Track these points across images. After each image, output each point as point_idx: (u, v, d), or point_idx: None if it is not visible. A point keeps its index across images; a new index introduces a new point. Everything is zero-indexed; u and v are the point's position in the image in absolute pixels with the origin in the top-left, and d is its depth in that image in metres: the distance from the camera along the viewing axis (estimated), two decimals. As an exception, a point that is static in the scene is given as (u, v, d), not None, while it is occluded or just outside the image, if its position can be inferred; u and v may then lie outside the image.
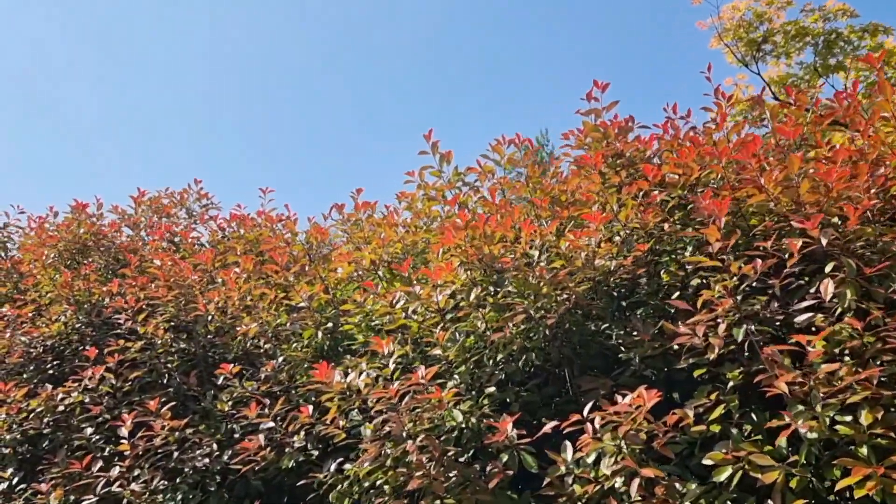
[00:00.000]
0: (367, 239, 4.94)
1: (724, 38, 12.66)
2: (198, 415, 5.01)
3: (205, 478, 4.68)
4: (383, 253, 4.76)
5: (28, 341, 5.77)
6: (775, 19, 12.17)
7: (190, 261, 5.41)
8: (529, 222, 3.72)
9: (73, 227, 6.45)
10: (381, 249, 4.74)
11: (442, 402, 3.45)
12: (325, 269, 5.05)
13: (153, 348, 5.14)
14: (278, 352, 5.27)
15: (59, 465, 4.95)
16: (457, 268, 3.84)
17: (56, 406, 5.20)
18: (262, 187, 6.54)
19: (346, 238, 5.45)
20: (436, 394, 3.43)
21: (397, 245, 4.86)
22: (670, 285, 3.85)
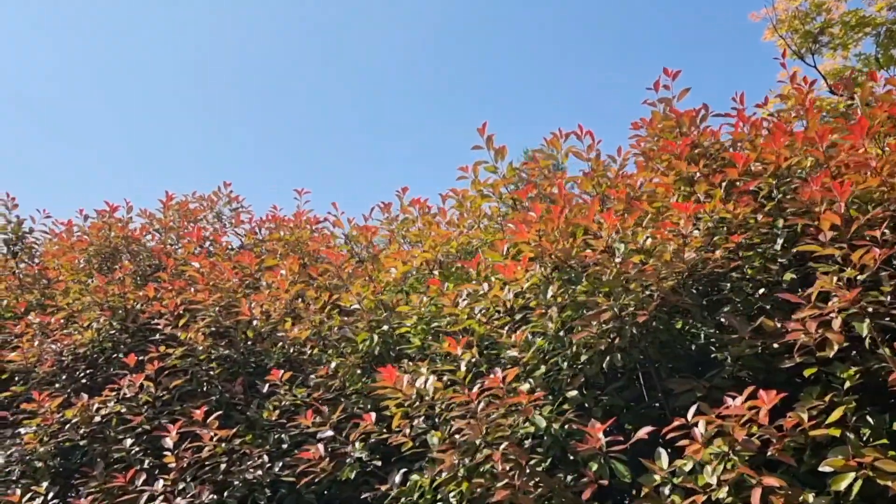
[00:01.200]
0: (420, 238, 4.70)
1: (778, 29, 12.30)
2: (242, 424, 4.77)
3: (253, 491, 4.43)
4: (438, 253, 4.53)
5: (59, 350, 5.53)
6: (834, 10, 11.91)
7: (229, 263, 5.18)
8: (612, 213, 3.49)
9: (104, 230, 6.22)
10: (438, 248, 4.51)
11: (526, 407, 3.20)
12: (375, 270, 4.82)
13: (194, 355, 4.90)
14: (324, 357, 5.03)
15: (97, 478, 4.71)
16: (530, 264, 3.60)
17: (92, 417, 4.96)
18: (298, 188, 6.34)
19: (391, 238, 5.22)
20: (521, 397, 3.19)
21: (452, 244, 4.63)
22: (759, 281, 3.62)
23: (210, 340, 5.04)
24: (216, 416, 4.41)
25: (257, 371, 5.36)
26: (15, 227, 6.55)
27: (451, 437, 3.67)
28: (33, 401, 5.32)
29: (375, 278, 4.66)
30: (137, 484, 4.35)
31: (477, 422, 3.35)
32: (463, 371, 3.56)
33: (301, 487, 4.40)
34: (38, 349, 5.53)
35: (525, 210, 4.98)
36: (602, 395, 3.65)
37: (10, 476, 5.06)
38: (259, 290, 5.03)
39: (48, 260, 6.32)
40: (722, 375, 3.36)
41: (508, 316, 3.85)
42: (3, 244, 6.62)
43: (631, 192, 3.98)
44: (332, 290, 4.59)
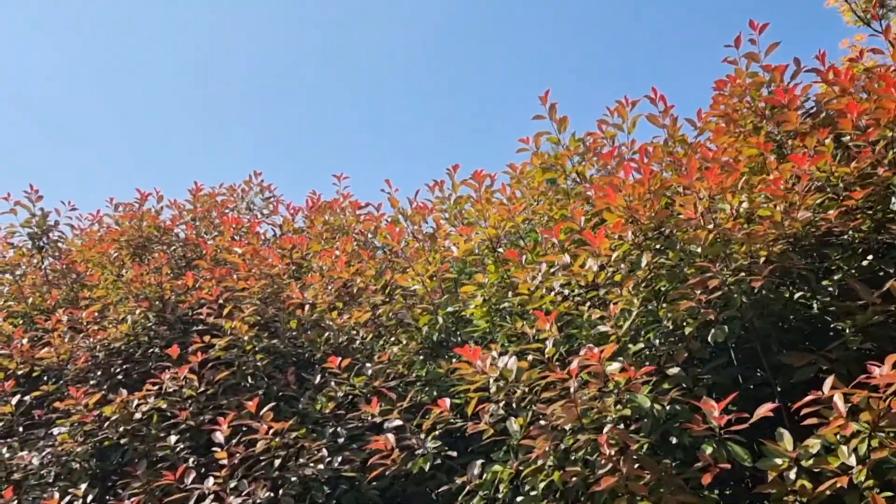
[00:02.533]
0: (481, 215, 4.39)
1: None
2: (294, 418, 4.46)
3: (310, 488, 4.12)
4: (505, 228, 4.22)
5: (92, 345, 5.24)
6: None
7: (273, 248, 4.88)
8: (716, 171, 3.17)
9: (135, 220, 5.94)
10: (506, 222, 4.20)
11: (634, 384, 2.88)
12: (432, 250, 4.51)
13: (239, 345, 4.60)
14: (377, 346, 4.73)
15: (140, 478, 4.41)
16: (624, 228, 3.29)
17: (132, 414, 4.66)
18: (336, 173, 6.05)
19: (447, 217, 4.91)
20: (630, 373, 2.87)
21: (518, 219, 4.31)
22: (869, 243, 3.30)
23: (253, 331, 4.74)
24: (269, 407, 4.10)
25: (301, 363, 5.06)
26: (40, 221, 6.27)
27: (535, 423, 3.36)
28: (67, 399, 5.03)
29: (433, 259, 4.34)
30: (187, 482, 4.04)
31: (572, 403, 3.03)
32: (551, 349, 3.25)
33: (362, 483, 4.10)
34: (70, 345, 5.24)
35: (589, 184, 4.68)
36: (702, 373, 3.33)
37: (46, 478, 4.76)
38: (303, 278, 4.73)
39: (76, 254, 6.03)
40: (848, 347, 3.03)
41: (593, 290, 3.54)
42: (29, 239, 6.35)
43: (715, 157, 3.66)
44: (393, 269, 4.29)
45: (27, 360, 5.21)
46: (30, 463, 4.75)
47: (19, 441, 5.23)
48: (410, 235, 4.47)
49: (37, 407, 5.50)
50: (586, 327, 3.53)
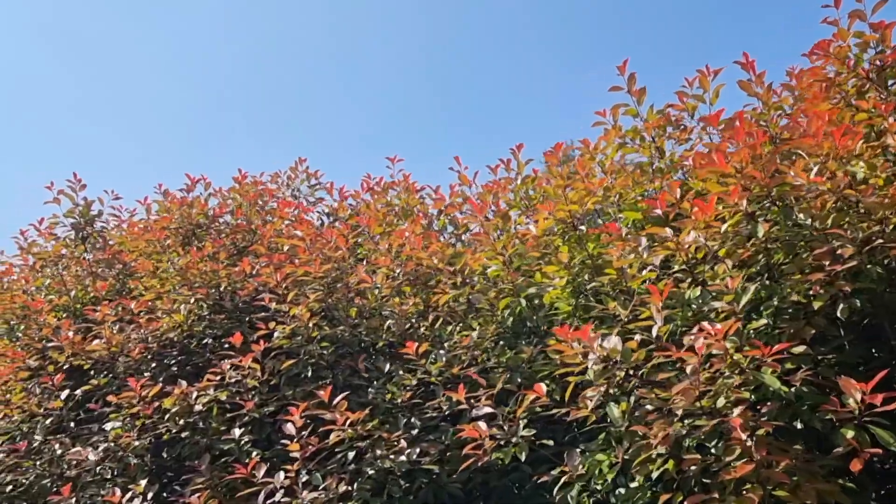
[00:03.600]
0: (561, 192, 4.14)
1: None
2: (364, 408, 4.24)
3: (387, 481, 3.91)
4: (587, 203, 3.97)
5: (143, 336, 5.05)
6: None
7: (337, 230, 4.66)
8: (841, 131, 2.92)
9: (184, 207, 5.74)
10: (589, 198, 3.95)
11: (771, 362, 2.64)
12: (506, 231, 4.28)
13: (303, 333, 4.39)
14: (444, 333, 4.50)
15: (204, 473, 4.21)
16: (741, 194, 3.04)
17: (191, 406, 4.46)
18: (390, 156, 5.83)
19: (514, 197, 4.67)
20: (763, 349, 2.63)
21: (599, 196, 4.07)
22: None
23: (315, 318, 4.52)
24: (342, 397, 3.89)
25: (362, 351, 4.84)
26: (83, 210, 6.08)
27: (639, 408, 3.13)
28: (123, 392, 4.85)
29: (507, 239, 4.10)
30: (259, 476, 3.83)
31: (692, 385, 2.79)
32: (662, 326, 3.01)
33: (441, 476, 3.88)
34: (121, 337, 5.05)
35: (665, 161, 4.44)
36: (825, 351, 3.08)
37: (103, 474, 4.58)
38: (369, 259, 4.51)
39: (122, 243, 5.84)
40: None
41: (700, 264, 3.29)
42: (72, 229, 6.16)
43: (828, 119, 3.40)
44: (475, 248, 4.05)
45: (78, 352, 5.02)
46: (86, 459, 4.56)
47: (70, 437, 5.05)
48: (481, 216, 4.22)
49: (86, 402, 5.33)
50: (690, 306, 3.28)
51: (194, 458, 4.50)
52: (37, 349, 5.17)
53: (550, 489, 3.93)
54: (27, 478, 4.86)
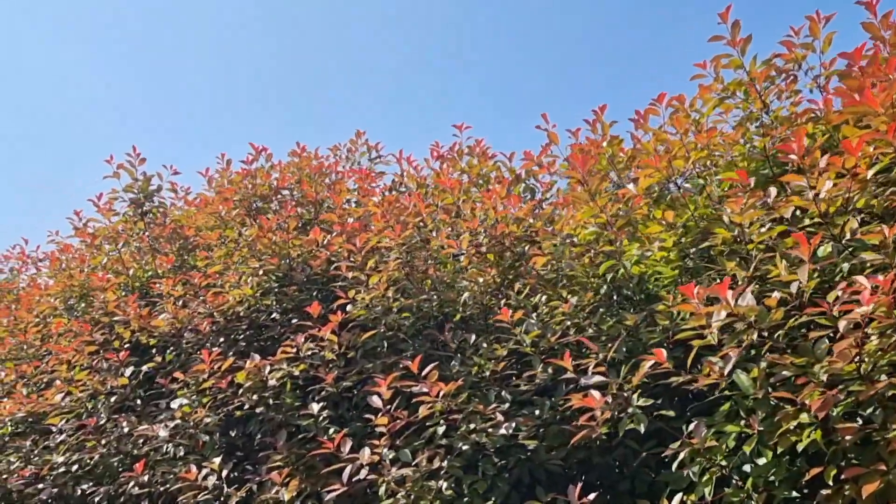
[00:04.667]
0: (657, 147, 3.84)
1: None
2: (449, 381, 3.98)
3: (479, 458, 3.65)
4: (684, 163, 3.66)
5: (209, 311, 4.85)
6: None
7: (415, 196, 4.41)
8: None
9: (248, 178, 5.54)
10: (695, 154, 3.65)
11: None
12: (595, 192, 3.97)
13: (383, 303, 4.15)
14: (528, 304, 4.22)
15: (281, 450, 4.00)
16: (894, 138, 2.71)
17: (265, 380, 4.24)
18: (457, 123, 5.56)
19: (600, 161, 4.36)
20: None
21: (701, 153, 3.75)
22: None
23: (393, 289, 4.28)
24: (433, 367, 3.64)
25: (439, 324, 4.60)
26: (143, 185, 5.91)
27: (773, 375, 2.83)
28: (186, 369, 4.67)
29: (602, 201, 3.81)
30: (345, 452, 3.60)
31: (849, 346, 2.48)
32: (808, 282, 2.70)
33: (539, 451, 3.61)
34: (187, 312, 4.86)
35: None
36: None
37: (176, 452, 4.39)
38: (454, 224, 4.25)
39: (184, 217, 5.66)
40: None
41: (841, 214, 2.98)
42: (131, 204, 6.00)
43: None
44: (573, 207, 3.76)
45: (144, 326, 4.84)
46: (156, 436, 4.38)
47: (136, 415, 4.88)
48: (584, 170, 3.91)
49: (149, 380, 5.16)
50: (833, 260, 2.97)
51: (267, 435, 4.30)
52: (103, 323, 5.00)
53: (655, 467, 3.66)
54: (92, 457, 4.70)
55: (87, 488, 4.75)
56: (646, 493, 3.52)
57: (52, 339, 6.10)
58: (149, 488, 4.19)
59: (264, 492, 3.96)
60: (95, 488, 4.63)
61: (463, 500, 3.57)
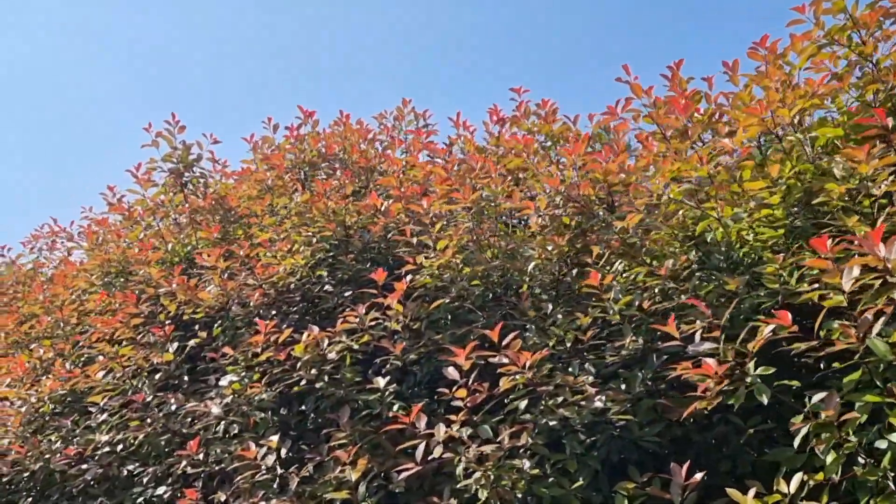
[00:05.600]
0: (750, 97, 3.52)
1: None
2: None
3: (559, 436, 3.37)
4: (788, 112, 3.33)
5: (257, 283, 4.58)
6: None
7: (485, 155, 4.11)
8: None
9: (297, 142, 5.25)
10: (803, 101, 3.32)
11: None
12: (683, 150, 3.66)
13: (451, 269, 3.86)
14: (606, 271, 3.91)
15: (345, 428, 3.73)
16: None
17: (324, 354, 3.97)
18: (515, 87, 5.25)
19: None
20: None
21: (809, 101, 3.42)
22: None
23: (460, 256, 3.99)
24: (514, 335, 3.35)
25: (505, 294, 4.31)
26: (183, 154, 5.65)
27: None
28: (235, 344, 4.42)
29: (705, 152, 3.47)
30: (421, 427, 3.33)
31: None
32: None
33: (633, 427, 3.32)
34: (236, 283, 4.59)
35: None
36: None
37: (230, 430, 4.14)
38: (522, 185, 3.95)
39: (226, 186, 5.39)
40: None
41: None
42: (170, 174, 5.74)
43: None
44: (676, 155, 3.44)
45: (191, 299, 4.59)
46: (207, 413, 4.13)
47: (183, 393, 4.63)
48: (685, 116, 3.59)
49: (193, 357, 4.91)
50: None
51: (325, 412, 4.04)
52: (148, 295, 4.75)
53: (758, 445, 3.36)
54: (137, 436, 4.46)
55: (134, 468, 4.53)
56: (749, 474, 3.22)
57: (90, 315, 5.88)
58: (204, 467, 3.93)
59: (326, 472, 3.70)
60: (143, 468, 4.40)
61: (547, 480, 3.29)
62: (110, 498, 4.50)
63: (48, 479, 4.67)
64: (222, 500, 3.79)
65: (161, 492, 4.33)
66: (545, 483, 3.26)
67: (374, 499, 3.51)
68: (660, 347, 3.41)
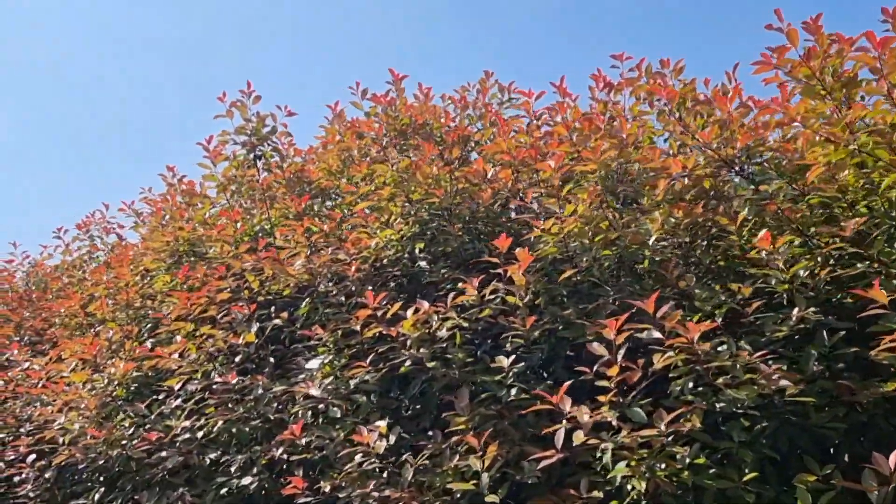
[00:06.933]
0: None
1: None
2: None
3: (717, 420, 2.97)
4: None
5: (350, 258, 4.23)
6: None
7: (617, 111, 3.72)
8: None
9: (390, 108, 4.89)
10: None
11: None
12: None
13: (580, 236, 3.48)
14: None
15: (463, 412, 3.36)
16: None
17: (433, 332, 3.61)
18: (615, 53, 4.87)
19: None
20: None
21: None
22: None
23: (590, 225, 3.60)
24: (670, 306, 2.95)
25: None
26: (257, 126, 5.31)
27: None
28: (325, 323, 4.07)
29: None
30: (566, 408, 2.94)
31: None
32: None
33: (810, 413, 2.91)
34: (327, 257, 4.24)
35: None
36: None
37: (329, 413, 3.78)
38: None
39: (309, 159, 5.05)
40: None
41: None
42: (243, 147, 5.40)
43: None
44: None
45: (278, 274, 4.24)
46: (306, 395, 3.78)
47: (268, 376, 4.29)
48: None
49: (271, 339, 4.57)
50: None
51: (434, 394, 3.67)
52: (233, 271, 4.41)
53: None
54: (216, 422, 4.13)
55: (217, 456, 4.19)
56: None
57: (156, 298, 5.59)
58: (306, 454, 3.57)
59: (445, 460, 3.32)
60: (230, 456, 4.06)
61: (709, 471, 2.89)
62: (192, 488, 4.16)
63: (123, 466, 4.35)
64: (327, 490, 3.42)
65: (247, 482, 3.98)
66: (708, 474, 2.86)
67: (502, 490, 3.13)
68: (830, 323, 3.01)
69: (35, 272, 8.15)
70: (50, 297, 7.30)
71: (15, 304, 7.22)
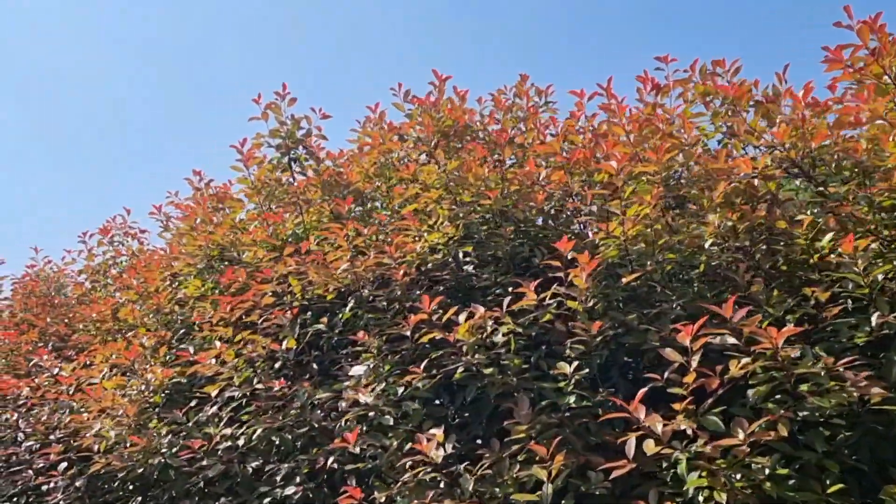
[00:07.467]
0: None
1: None
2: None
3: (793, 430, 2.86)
4: None
5: (396, 262, 4.13)
6: None
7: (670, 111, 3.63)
8: None
9: (432, 109, 4.79)
10: None
11: None
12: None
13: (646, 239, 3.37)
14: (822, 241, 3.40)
15: (523, 420, 3.25)
16: None
17: (486, 337, 3.52)
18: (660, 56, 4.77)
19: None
20: None
21: None
22: None
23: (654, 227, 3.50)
24: (747, 310, 2.85)
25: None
26: (291, 129, 5.22)
27: None
28: (370, 329, 3.98)
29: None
30: (641, 416, 2.83)
31: None
32: None
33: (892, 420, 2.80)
34: (371, 261, 4.14)
35: None
36: None
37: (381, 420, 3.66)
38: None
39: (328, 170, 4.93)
40: None
41: None
42: (276, 151, 5.31)
43: None
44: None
45: (328, 276, 4.13)
46: (356, 401, 3.67)
47: (312, 383, 4.18)
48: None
49: (311, 345, 4.47)
50: None
51: (493, 400, 3.56)
52: (276, 274, 4.30)
53: None
54: (256, 430, 4.02)
55: (258, 465, 4.08)
56: None
57: (187, 303, 5.48)
58: (360, 463, 3.46)
59: (504, 469, 3.21)
60: (272, 465, 3.95)
61: (788, 482, 2.78)
62: (234, 498, 4.05)
63: (161, 475, 4.23)
64: (382, 501, 3.31)
65: (291, 492, 3.87)
66: (789, 485, 2.75)
67: (566, 501, 3.02)
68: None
69: (56, 277, 8.06)
70: (73, 303, 7.21)
71: (38, 310, 7.13)
